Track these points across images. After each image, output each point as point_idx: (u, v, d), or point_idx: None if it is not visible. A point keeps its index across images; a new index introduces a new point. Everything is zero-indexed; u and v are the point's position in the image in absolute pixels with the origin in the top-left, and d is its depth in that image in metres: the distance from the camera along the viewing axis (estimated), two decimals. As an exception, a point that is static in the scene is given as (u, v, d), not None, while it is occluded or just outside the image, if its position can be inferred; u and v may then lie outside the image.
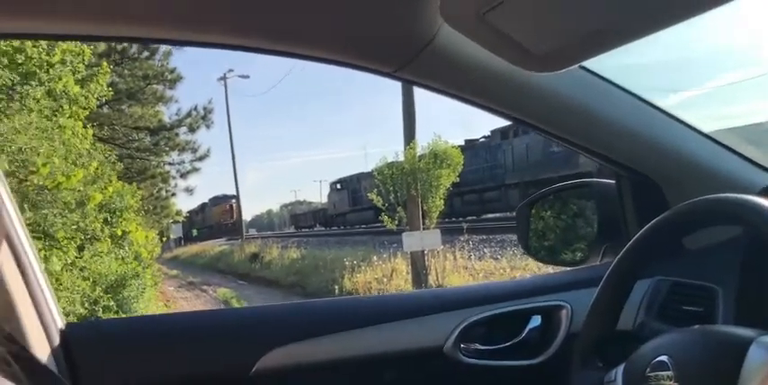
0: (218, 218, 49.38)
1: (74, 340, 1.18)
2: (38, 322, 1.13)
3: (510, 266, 9.86)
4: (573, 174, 20.20)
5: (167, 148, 19.13)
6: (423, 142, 10.17)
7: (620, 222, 1.36)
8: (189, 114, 18.87)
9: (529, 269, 9.43)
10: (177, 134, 19.09)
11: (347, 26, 1.00)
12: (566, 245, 1.54)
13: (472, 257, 11.09)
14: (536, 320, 1.36)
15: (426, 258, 9.43)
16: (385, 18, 0.97)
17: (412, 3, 0.93)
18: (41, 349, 1.12)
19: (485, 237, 14.94)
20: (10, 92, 6.16)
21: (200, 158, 19.97)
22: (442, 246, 9.64)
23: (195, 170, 20.20)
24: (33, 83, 6.51)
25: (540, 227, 1.58)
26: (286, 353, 1.24)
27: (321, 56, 1.06)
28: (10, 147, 4.75)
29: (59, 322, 1.20)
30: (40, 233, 5.17)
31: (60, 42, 7.70)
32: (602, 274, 1.15)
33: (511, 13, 0.85)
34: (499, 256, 11.20)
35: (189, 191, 21.41)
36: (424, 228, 9.45)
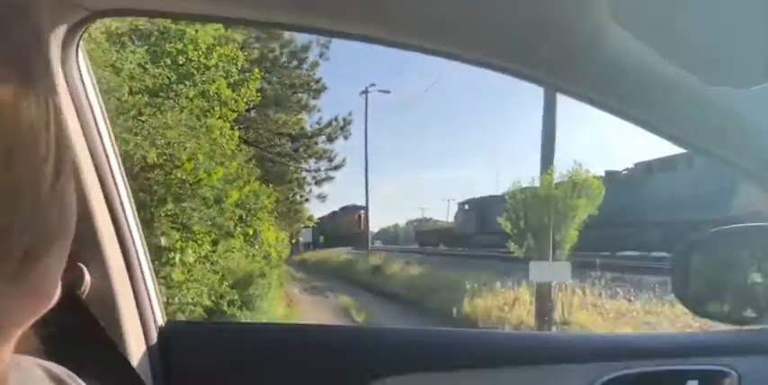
0: (346, 227, 50.52)
1: (171, 338, 1.14)
2: (137, 318, 1.09)
3: (644, 310, 9.18)
4: (724, 218, 18.80)
5: (306, 155, 19.81)
6: (560, 169, 9.78)
7: None
8: (329, 124, 19.47)
9: (664, 315, 8.73)
10: (316, 142, 19.76)
11: (503, 24, 0.85)
12: (732, 298, 1.27)
13: (603, 295, 10.45)
14: None
15: (553, 291, 8.98)
16: (543, 15, 0.82)
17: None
18: (137, 346, 1.08)
19: (618, 275, 14.10)
20: (167, 90, 6.52)
21: (336, 167, 20.53)
22: (570, 280, 9.14)
23: (329, 178, 20.78)
24: (188, 83, 6.87)
25: (700, 273, 1.32)
26: (397, 384, 1.11)
27: (471, 56, 0.92)
28: (160, 140, 4.98)
29: (159, 319, 1.15)
30: (179, 225, 5.39)
31: (218, 47, 8.14)
32: None
33: (698, 17, 0.69)
34: (633, 298, 10.48)
35: (321, 198, 22.05)
36: (553, 259, 9.02)
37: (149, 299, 1.12)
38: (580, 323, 8.42)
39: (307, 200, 22.05)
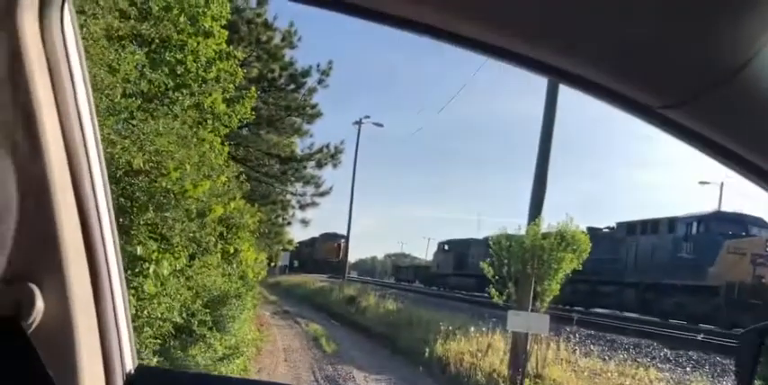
0: (325, 254, 50.29)
1: None
2: (99, 361, 0.88)
3: (618, 371, 9.01)
4: (700, 285, 18.85)
5: (293, 178, 19.78)
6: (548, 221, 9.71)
7: None
8: (320, 150, 19.45)
9: (639, 379, 8.57)
10: (305, 167, 19.71)
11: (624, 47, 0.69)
12: None
13: (577, 352, 10.28)
14: None
15: (528, 342, 8.80)
16: (686, 33, 0.66)
17: (728, 16, 0.62)
18: None
19: (593, 332, 13.98)
20: (162, 97, 6.40)
21: (322, 194, 20.47)
22: (547, 333, 8.98)
23: (314, 204, 20.66)
24: (185, 92, 6.76)
25: None
26: None
27: (576, 77, 0.75)
28: (149, 146, 4.83)
29: (129, 363, 0.95)
30: (158, 235, 5.20)
31: (219, 61, 8.07)
32: None
33: None
34: (608, 358, 10.32)
35: (304, 222, 21.89)
36: (532, 310, 8.86)
37: (119, 336, 0.92)
38: (553, 378, 8.23)
39: (289, 223, 21.91)
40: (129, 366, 0.94)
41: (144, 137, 5.11)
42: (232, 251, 7.39)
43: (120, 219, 4.87)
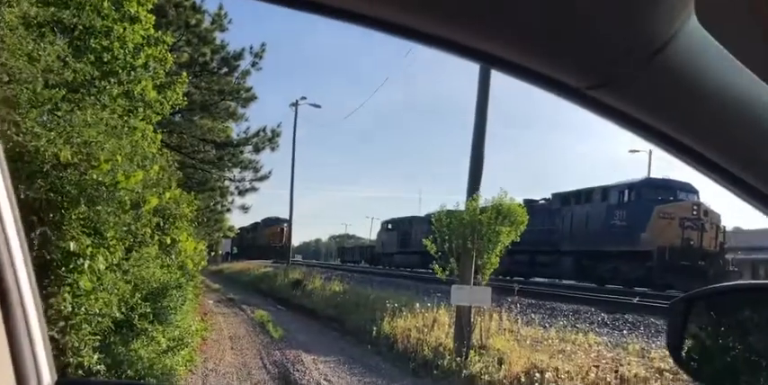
0: (267, 239, 49.92)
1: None
2: (11, 378, 0.82)
3: (559, 337, 9.32)
4: (634, 251, 19.60)
5: (230, 164, 19.48)
6: (486, 196, 9.88)
7: None
8: (257, 134, 19.22)
9: (579, 344, 8.89)
10: (242, 152, 19.46)
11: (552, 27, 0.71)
12: (741, 362, 1.13)
13: (519, 321, 10.58)
14: None
15: (472, 315, 9.00)
16: (606, 16, 0.69)
17: None
18: None
19: (534, 301, 14.38)
20: (88, 86, 6.19)
21: (261, 179, 20.27)
22: (489, 305, 9.19)
23: (254, 189, 20.45)
24: (113, 80, 6.56)
25: (701, 333, 1.21)
26: None
27: (500, 56, 0.76)
28: (76, 138, 4.68)
29: (47, 378, 0.90)
30: (91, 229, 5.06)
31: (147, 47, 7.84)
32: None
33: None
34: (548, 325, 10.66)
35: (244, 208, 21.68)
36: (474, 284, 9.05)
37: (33, 351, 0.86)
38: (497, 347, 8.46)
39: (229, 209, 21.65)
40: (47, 381, 0.89)
41: (71, 128, 4.94)
42: (170, 242, 7.26)
43: (51, 215, 4.72)
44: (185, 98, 10.44)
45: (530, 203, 22.39)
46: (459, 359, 8.29)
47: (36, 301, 0.88)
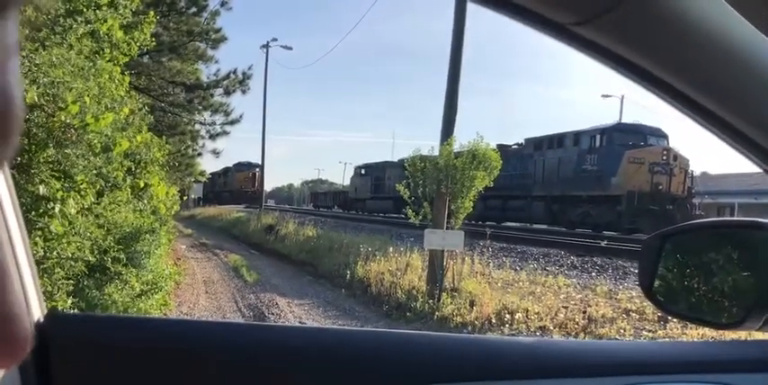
0: (239, 184, 49.67)
1: (49, 336, 0.89)
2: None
3: (529, 280, 9.54)
4: (604, 195, 19.94)
5: (201, 107, 19.13)
6: (460, 140, 9.88)
7: None
8: (227, 76, 18.83)
9: (549, 286, 9.11)
10: (212, 95, 19.10)
11: None
12: (709, 300, 1.17)
13: (491, 264, 10.78)
14: None
15: (444, 259, 9.13)
16: None
17: None
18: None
19: (505, 245, 14.65)
20: (52, 24, 5.94)
21: (232, 122, 19.96)
22: (462, 249, 9.33)
23: (225, 133, 20.19)
24: (78, 19, 6.30)
25: (669, 268, 1.23)
26: None
27: None
28: (42, 79, 4.52)
29: (36, 311, 0.90)
30: (60, 173, 4.96)
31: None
32: None
33: None
34: (519, 268, 10.88)
35: (216, 153, 21.43)
36: (447, 228, 9.15)
37: (23, 283, 0.86)
38: (468, 290, 8.62)
39: (200, 154, 21.38)
40: (38, 314, 0.90)
41: (36, 69, 4.77)
42: (142, 186, 7.17)
43: (19, 158, 4.61)
44: (153, 39, 10.11)
45: (503, 148, 22.53)
46: (431, 301, 8.45)
47: (24, 238, 0.87)
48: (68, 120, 4.53)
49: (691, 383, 1.02)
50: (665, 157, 19.68)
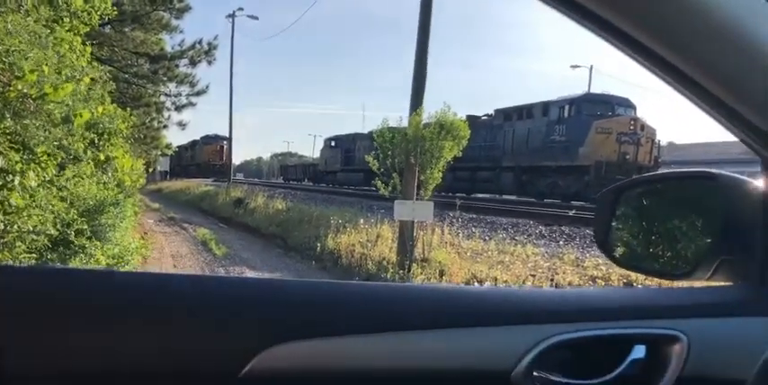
0: (207, 157, 49.14)
1: None
2: None
3: (498, 249, 9.63)
4: (572, 165, 20.14)
5: (165, 78, 18.78)
6: (428, 110, 9.84)
7: (750, 232, 1.02)
8: (192, 47, 18.47)
9: (517, 255, 9.22)
10: (177, 66, 18.72)
11: None
12: (662, 251, 1.19)
13: (461, 235, 10.86)
14: (639, 351, 1.02)
15: (414, 229, 9.16)
16: None
17: None
18: None
19: (474, 216, 14.76)
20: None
21: (198, 93, 19.64)
22: (432, 220, 9.37)
23: (191, 104, 19.90)
24: (34, -16, 6.09)
25: (624, 222, 1.23)
26: (287, 353, 0.91)
27: None
28: (-3, 46, 4.35)
29: None
30: (19, 144, 4.82)
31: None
32: (728, 300, 0.98)
33: None
34: (488, 238, 10.98)
35: (182, 125, 21.12)
36: (417, 199, 9.16)
37: None
38: (438, 260, 8.69)
39: (165, 126, 21.06)
40: None
41: (-11, 36, 4.59)
42: (104, 158, 7.02)
43: (-26, 130, 4.46)
44: (114, 8, 9.83)
45: (473, 119, 22.57)
46: (402, 272, 8.50)
47: None
48: (26, 90, 4.38)
49: (641, 328, 1.02)
50: (632, 127, 19.91)
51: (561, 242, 10.85)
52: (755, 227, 1.02)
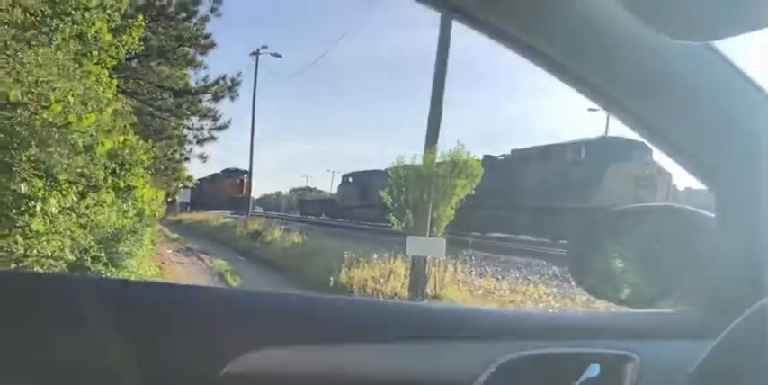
0: (227, 190, 49.55)
1: None
2: None
3: (510, 289, 9.61)
4: (587, 207, 20.06)
5: (188, 112, 19.12)
6: (443, 149, 9.98)
7: (703, 262, 1.11)
8: (216, 82, 18.83)
9: (529, 294, 9.19)
10: (201, 100, 19.10)
11: None
12: (628, 280, 1.25)
13: (473, 273, 10.85)
14: (593, 370, 1.07)
15: (427, 266, 9.19)
16: None
17: None
18: None
19: (488, 254, 14.72)
20: (39, 25, 5.99)
21: (220, 128, 19.96)
22: (444, 257, 9.40)
23: (213, 138, 20.20)
24: (66, 19, 6.36)
25: (598, 254, 1.31)
26: (260, 360, 0.97)
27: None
28: (27, 77, 4.57)
29: None
30: (43, 172, 5.00)
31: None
32: (679, 325, 1.07)
33: None
34: (501, 277, 10.95)
35: (203, 158, 21.39)
36: (430, 235, 9.22)
37: None
38: (450, 297, 8.69)
39: (187, 158, 21.35)
40: None
41: (21, 68, 4.82)
42: (125, 187, 7.20)
43: (1, 156, 4.65)
44: (142, 43, 10.17)
45: (490, 159, 22.69)
46: (412, 307, 8.50)
47: None
48: (51, 119, 4.58)
49: (596, 348, 1.08)
50: (648, 171, 19.87)
51: (573, 283, 10.78)
52: (708, 257, 1.10)
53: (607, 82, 0.98)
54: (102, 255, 5.99)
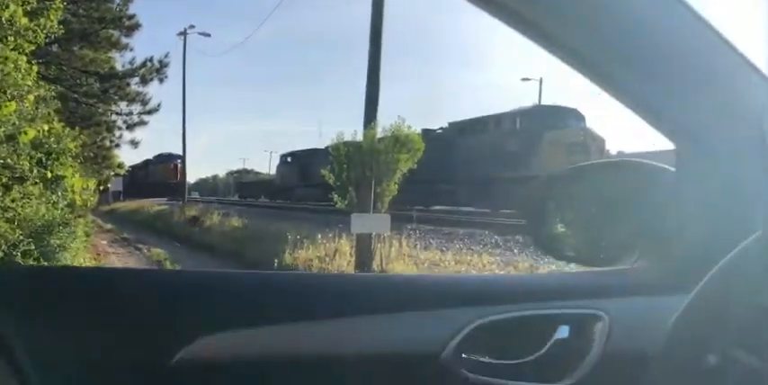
0: (161, 176, 48.31)
1: None
2: None
3: (455, 259, 9.71)
4: (524, 176, 20.46)
5: (116, 97, 18.43)
6: (383, 124, 9.93)
7: (665, 216, 1.08)
8: (143, 64, 18.15)
9: (473, 264, 9.30)
10: (128, 84, 18.39)
11: None
12: (590, 240, 1.24)
13: (418, 246, 10.90)
14: (563, 331, 1.06)
15: (372, 242, 9.18)
16: None
17: None
18: None
19: (432, 227, 14.85)
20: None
21: (150, 112, 19.30)
22: (389, 232, 9.41)
23: (143, 123, 19.56)
24: (-25, 4, 5.96)
25: (555, 213, 1.27)
26: (214, 344, 0.93)
27: None
28: (-64, 63, 4.25)
29: None
30: (-39, 165, 4.71)
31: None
32: (644, 281, 1.05)
33: None
34: (445, 248, 11.05)
35: (134, 144, 20.75)
36: (374, 212, 9.19)
37: None
38: (396, 272, 8.71)
39: (117, 145, 20.65)
40: None
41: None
42: (53, 177, 6.88)
43: None
44: (62, 26, 9.67)
45: (428, 133, 22.78)
46: (360, 285, 8.49)
47: None
48: (-34, 108, 4.29)
49: (565, 309, 1.07)
50: (582, 138, 20.37)
51: (516, 250, 10.99)
52: (669, 211, 1.08)
53: (581, 41, 0.94)
54: (33, 248, 5.72)
